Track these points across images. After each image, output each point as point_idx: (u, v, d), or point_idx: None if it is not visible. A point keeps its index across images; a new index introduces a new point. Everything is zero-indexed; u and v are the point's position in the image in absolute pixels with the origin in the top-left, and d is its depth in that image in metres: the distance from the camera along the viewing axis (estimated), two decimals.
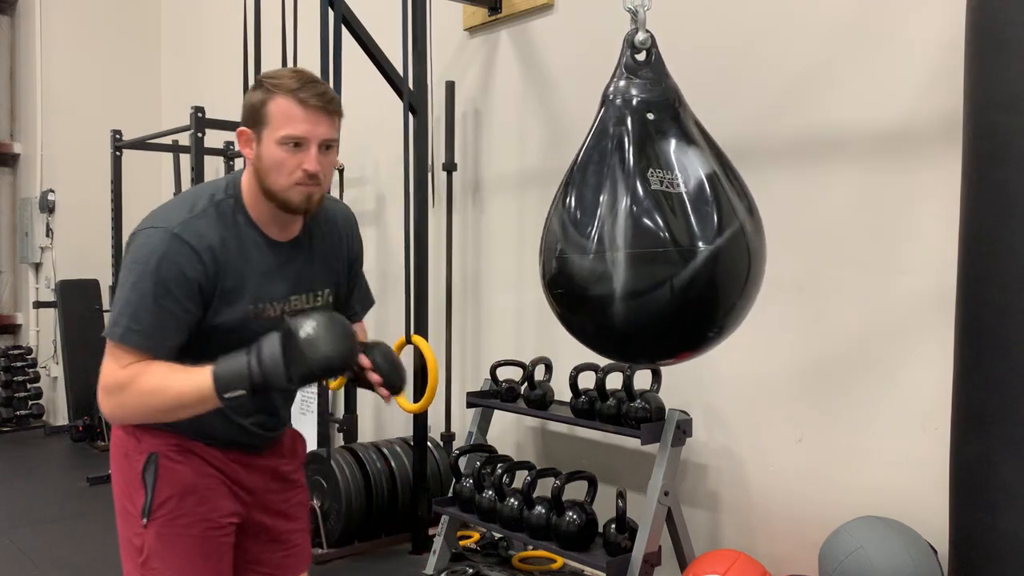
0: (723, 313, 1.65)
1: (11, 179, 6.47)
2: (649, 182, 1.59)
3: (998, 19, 1.74)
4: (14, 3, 6.30)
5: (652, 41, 1.73)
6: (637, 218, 1.58)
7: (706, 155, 1.67)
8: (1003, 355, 1.71)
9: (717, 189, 1.62)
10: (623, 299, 1.58)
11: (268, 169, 1.49)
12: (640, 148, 1.63)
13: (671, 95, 1.71)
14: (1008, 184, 1.71)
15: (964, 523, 1.82)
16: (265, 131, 1.49)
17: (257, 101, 1.50)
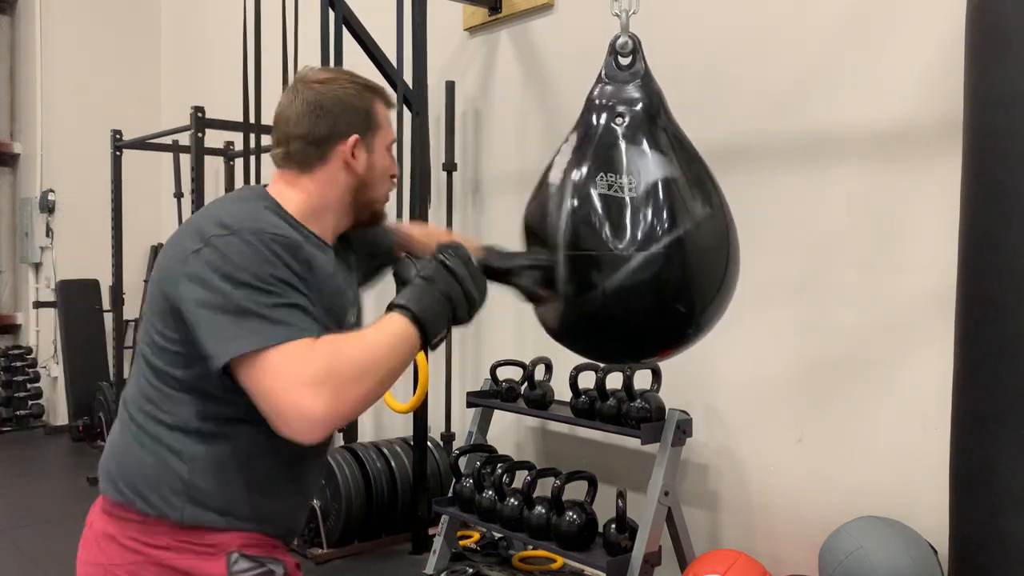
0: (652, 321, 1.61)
1: (11, 179, 6.46)
2: (596, 185, 1.60)
3: (998, 19, 1.74)
4: (14, 3, 6.30)
5: (635, 45, 1.73)
6: (576, 220, 1.59)
7: (665, 160, 1.65)
8: (1003, 355, 1.71)
9: (672, 195, 1.60)
10: (565, 300, 1.59)
11: (377, 179, 1.40)
12: (598, 152, 1.63)
13: (650, 100, 1.71)
14: (1008, 184, 1.71)
15: (964, 523, 1.82)
16: (377, 137, 1.39)
17: (365, 104, 1.38)
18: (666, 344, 1.68)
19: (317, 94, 1.37)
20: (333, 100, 1.36)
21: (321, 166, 1.36)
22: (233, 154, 5.10)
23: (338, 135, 1.35)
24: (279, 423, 1.14)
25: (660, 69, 2.76)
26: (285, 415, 1.13)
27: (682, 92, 2.97)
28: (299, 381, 1.12)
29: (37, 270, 6.17)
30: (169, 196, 5.89)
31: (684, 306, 1.59)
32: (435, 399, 3.66)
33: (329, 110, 1.36)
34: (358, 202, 1.40)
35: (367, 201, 1.41)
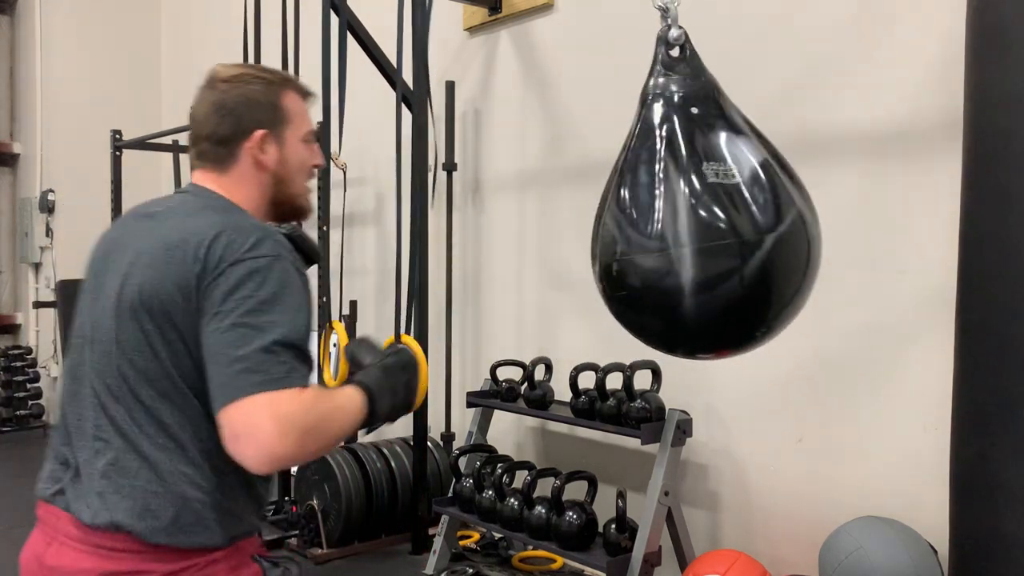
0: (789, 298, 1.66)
1: (11, 179, 6.46)
2: (705, 175, 1.58)
3: (998, 19, 1.74)
4: (14, 3, 6.30)
5: (686, 36, 1.73)
6: (698, 212, 1.56)
7: (756, 144, 1.67)
8: (1004, 355, 1.71)
9: (772, 177, 1.62)
10: (694, 294, 1.57)
11: (294, 173, 1.41)
12: (690, 143, 1.62)
13: (711, 88, 1.71)
14: (1008, 184, 1.71)
15: (964, 523, 1.82)
16: (288, 130, 1.39)
17: (271, 97, 1.38)
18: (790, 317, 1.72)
19: (221, 93, 1.38)
20: (236, 98, 1.37)
21: (233, 165, 1.37)
22: None
23: (242, 133, 1.36)
24: (236, 443, 1.19)
25: None
26: (248, 440, 1.17)
27: None
28: (285, 422, 1.17)
29: (37, 270, 6.17)
30: None
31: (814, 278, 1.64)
32: (435, 399, 3.66)
33: (231, 109, 1.36)
34: (277, 198, 1.41)
35: (286, 196, 1.42)
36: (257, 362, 1.18)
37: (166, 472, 1.27)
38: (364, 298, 4.28)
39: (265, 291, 1.23)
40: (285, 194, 1.42)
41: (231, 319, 1.21)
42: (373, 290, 4.36)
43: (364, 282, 4.37)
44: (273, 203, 1.42)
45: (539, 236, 3.53)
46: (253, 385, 1.17)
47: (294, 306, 1.25)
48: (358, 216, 4.40)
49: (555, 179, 3.46)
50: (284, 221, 1.47)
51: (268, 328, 1.21)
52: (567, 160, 3.42)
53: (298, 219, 1.48)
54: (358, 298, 4.21)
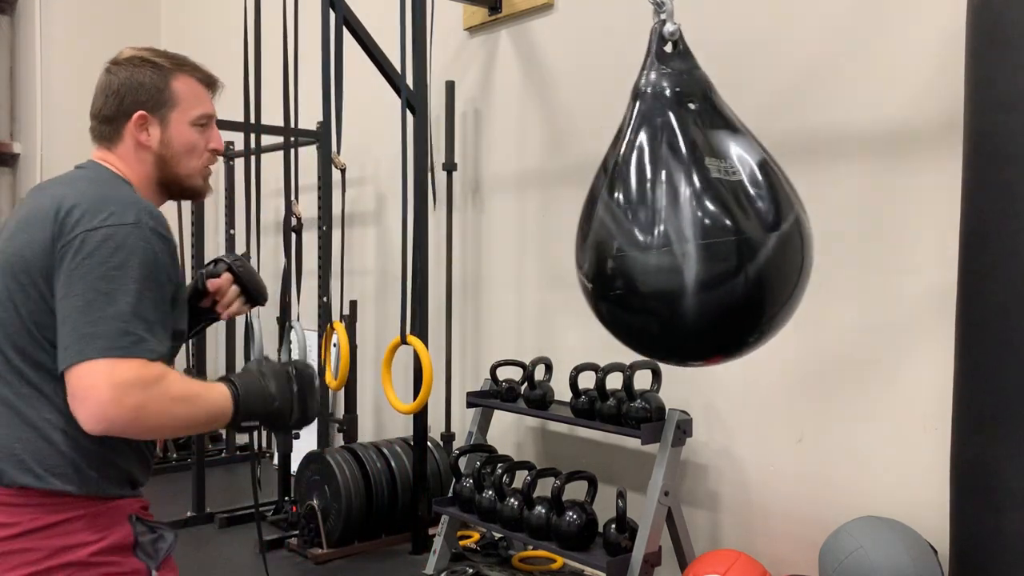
0: (785, 300, 1.65)
1: (11, 179, 6.46)
2: (707, 171, 1.55)
3: (999, 19, 1.74)
4: (14, 3, 6.29)
5: (680, 32, 1.70)
6: (702, 208, 1.53)
7: (753, 143, 1.65)
8: (1004, 355, 1.71)
9: (771, 177, 1.60)
10: (696, 293, 1.53)
11: (179, 154, 1.47)
12: (690, 138, 1.59)
13: (704, 85, 1.69)
14: (1008, 184, 1.71)
15: (964, 523, 1.82)
16: (174, 112, 1.46)
17: (157, 81, 1.44)
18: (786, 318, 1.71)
19: (111, 75, 1.46)
20: (123, 80, 1.44)
21: (119, 143, 1.45)
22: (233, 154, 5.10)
23: (124, 114, 1.43)
24: (74, 403, 1.23)
25: None
26: (83, 402, 1.22)
27: None
28: (116, 378, 1.21)
29: None
30: None
31: (807, 280, 1.63)
32: (435, 399, 3.65)
33: (116, 90, 1.44)
34: (165, 178, 1.47)
35: (174, 176, 1.48)
36: (104, 329, 1.22)
37: (32, 419, 1.31)
38: (364, 298, 4.28)
39: (117, 259, 1.26)
40: (172, 174, 1.47)
41: (82, 285, 1.25)
42: (373, 290, 4.36)
43: (364, 282, 4.38)
44: (161, 182, 1.48)
45: (539, 236, 3.53)
46: (96, 350, 1.21)
47: (147, 276, 1.28)
48: (358, 216, 4.40)
49: (555, 179, 3.46)
50: (177, 199, 1.53)
51: (117, 296, 1.24)
52: (567, 160, 3.41)
53: (191, 199, 1.54)
54: (358, 298, 4.21)
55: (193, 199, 1.55)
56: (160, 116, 1.45)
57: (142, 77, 1.44)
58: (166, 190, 1.50)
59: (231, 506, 3.83)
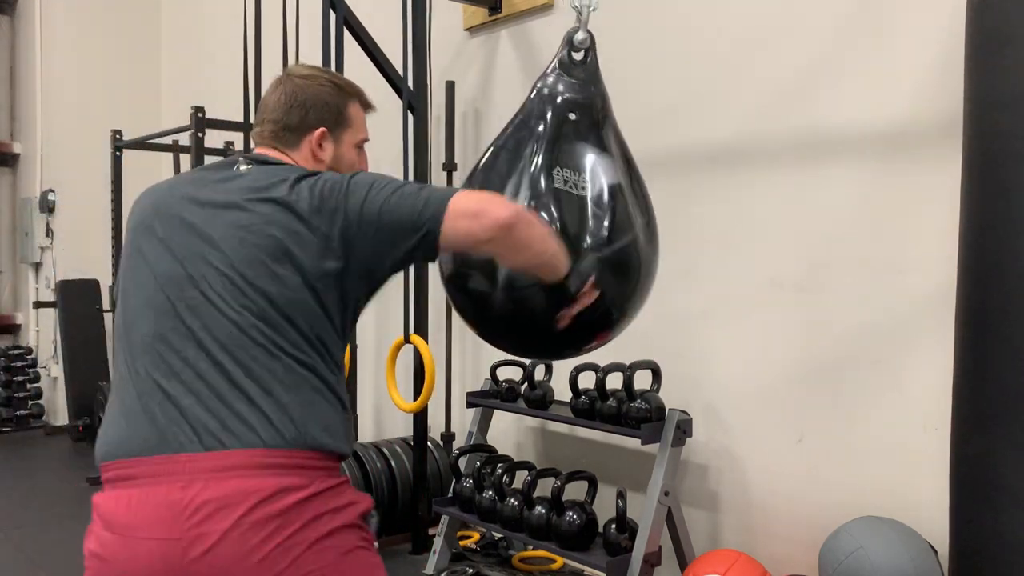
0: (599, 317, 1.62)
1: (11, 179, 6.46)
2: (553, 179, 1.58)
3: (998, 19, 1.74)
4: (14, 3, 6.30)
5: (591, 43, 1.72)
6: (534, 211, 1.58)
7: (616, 165, 1.66)
8: (1004, 354, 1.71)
9: (618, 200, 1.62)
10: (502, 289, 1.58)
11: (344, 170, 1.51)
12: (553, 145, 1.62)
13: (597, 101, 1.71)
14: (1008, 184, 1.71)
15: (964, 523, 1.82)
16: (346, 133, 1.54)
17: (338, 102, 1.53)
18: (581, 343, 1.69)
19: (296, 87, 1.52)
20: (309, 95, 1.52)
21: (296, 150, 1.51)
22: (233, 154, 5.11)
23: (307, 126, 1.51)
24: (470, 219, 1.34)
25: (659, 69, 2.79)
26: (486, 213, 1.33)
27: (681, 92, 2.98)
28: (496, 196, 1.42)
29: (37, 270, 6.17)
30: None
31: (616, 309, 1.62)
32: (435, 399, 3.65)
33: (302, 103, 1.51)
34: None
35: None
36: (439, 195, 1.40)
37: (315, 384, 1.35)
38: None
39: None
40: None
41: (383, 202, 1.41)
42: None
43: None
44: None
45: None
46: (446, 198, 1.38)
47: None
48: None
49: None
50: None
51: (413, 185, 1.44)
52: None
53: None
54: None
55: None
56: (336, 135, 1.53)
57: (326, 95, 1.52)
58: None
59: None
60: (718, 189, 2.85)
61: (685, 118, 2.94)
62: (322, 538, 1.27)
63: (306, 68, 1.60)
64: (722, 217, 2.84)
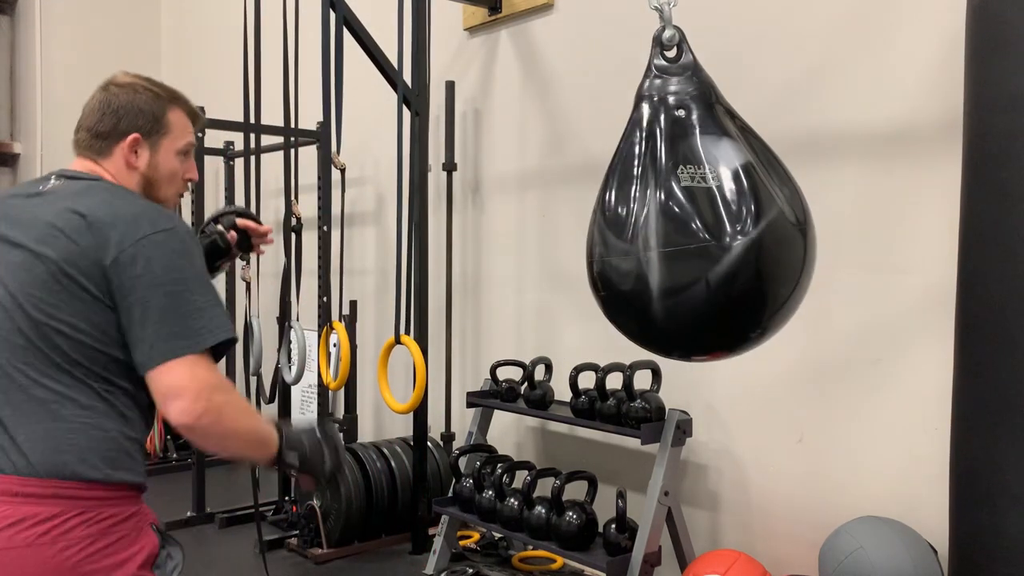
0: (772, 306, 1.64)
1: (11, 179, 6.46)
2: (679, 179, 1.58)
3: (998, 19, 1.74)
4: (14, 3, 6.30)
5: (680, 37, 1.72)
6: (667, 216, 1.57)
7: (739, 146, 1.66)
8: (1004, 354, 1.71)
9: (753, 179, 1.61)
10: (660, 299, 1.58)
11: (162, 179, 1.53)
12: (670, 145, 1.62)
13: (704, 89, 1.71)
14: (1008, 184, 1.71)
15: (964, 523, 1.82)
16: (164, 140, 1.53)
17: (155, 108, 1.52)
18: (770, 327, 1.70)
19: (110, 95, 1.55)
20: (123, 102, 1.53)
21: (107, 158, 1.52)
22: (233, 154, 5.10)
23: (119, 133, 1.51)
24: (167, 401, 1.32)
25: None
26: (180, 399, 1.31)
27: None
28: (209, 381, 1.33)
29: None
30: None
31: (785, 288, 1.61)
32: (435, 399, 3.66)
33: (115, 110, 1.52)
34: (152, 198, 1.52)
35: (154, 199, 1.52)
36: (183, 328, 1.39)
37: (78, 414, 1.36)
38: (364, 298, 4.29)
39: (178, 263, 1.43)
40: (153, 196, 1.53)
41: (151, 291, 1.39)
42: (373, 290, 4.36)
43: (364, 282, 4.38)
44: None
45: (539, 236, 3.53)
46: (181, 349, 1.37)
47: (203, 271, 1.45)
48: (358, 216, 4.40)
49: (555, 179, 3.46)
50: None
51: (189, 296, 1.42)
52: (567, 160, 3.41)
53: None
54: (358, 298, 4.21)
55: None
56: (151, 142, 1.52)
57: (142, 103, 1.52)
58: None
59: (231, 506, 3.83)
60: None
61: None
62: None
63: (127, 76, 1.58)
64: None
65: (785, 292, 1.64)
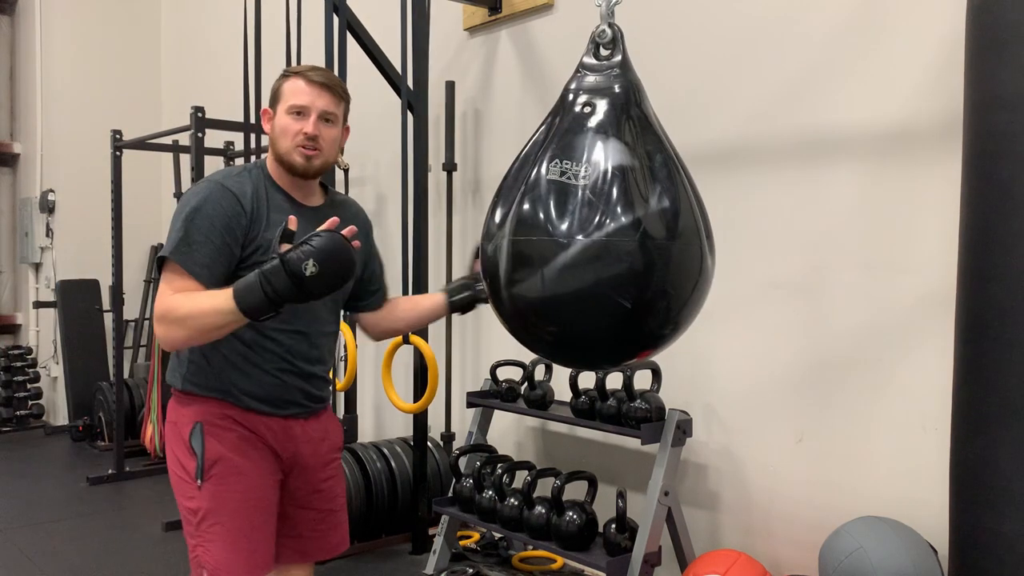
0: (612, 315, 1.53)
1: (11, 179, 6.47)
2: (550, 171, 1.57)
3: (998, 19, 1.74)
4: (14, 3, 6.30)
5: (615, 35, 1.69)
6: (527, 205, 1.56)
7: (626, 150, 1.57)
8: (1003, 355, 1.71)
9: (626, 184, 1.53)
10: (506, 286, 1.57)
11: (278, 135, 1.77)
12: (558, 139, 1.61)
13: (623, 90, 1.65)
14: (1008, 184, 1.71)
15: (964, 523, 1.82)
16: (279, 106, 1.78)
17: (276, 85, 1.82)
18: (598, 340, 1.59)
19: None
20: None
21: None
22: (233, 154, 5.10)
23: (265, 109, 1.86)
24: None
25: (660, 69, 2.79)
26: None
27: (682, 92, 2.98)
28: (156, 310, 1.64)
29: (37, 270, 6.18)
30: (169, 196, 5.89)
31: (626, 299, 1.51)
32: (435, 399, 3.65)
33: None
34: (276, 156, 1.79)
35: (278, 155, 1.79)
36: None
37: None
38: None
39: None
40: (276, 152, 1.79)
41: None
42: None
43: None
44: (275, 158, 1.80)
45: None
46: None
47: (175, 226, 1.70)
48: None
49: None
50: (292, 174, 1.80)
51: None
52: None
53: (294, 174, 1.79)
54: None
55: (291, 172, 1.79)
56: (274, 110, 1.80)
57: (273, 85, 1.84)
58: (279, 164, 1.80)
59: None
60: (718, 189, 2.85)
61: (685, 118, 2.94)
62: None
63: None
64: (722, 217, 2.82)
65: (632, 303, 1.52)
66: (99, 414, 5.40)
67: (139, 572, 3.29)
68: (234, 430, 1.76)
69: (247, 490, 1.74)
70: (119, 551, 3.49)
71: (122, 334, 5.17)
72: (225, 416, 1.76)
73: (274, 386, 1.78)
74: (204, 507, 1.73)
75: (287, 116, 1.76)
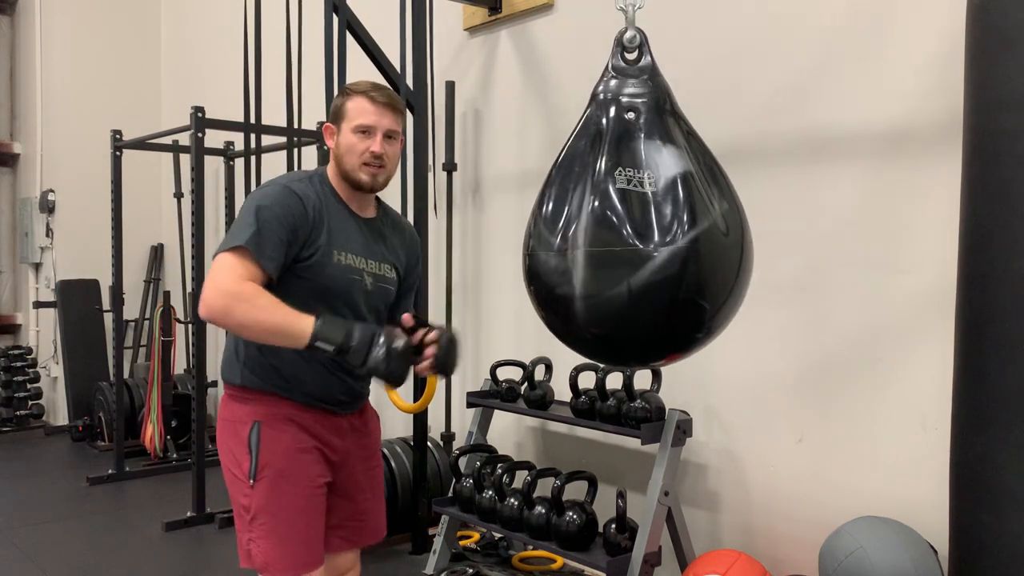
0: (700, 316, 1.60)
1: (11, 179, 6.47)
2: (616, 180, 1.58)
3: (999, 19, 1.74)
4: (14, 3, 6.30)
5: (642, 39, 1.71)
6: (597, 216, 1.57)
7: (682, 155, 1.63)
8: (1003, 355, 1.71)
9: (690, 189, 1.58)
10: (582, 298, 1.58)
11: (344, 153, 1.85)
12: (614, 147, 1.62)
13: (658, 94, 1.69)
14: (1008, 184, 1.71)
15: (964, 523, 1.82)
16: (343, 123, 1.86)
17: (339, 102, 1.89)
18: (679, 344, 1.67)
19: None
20: (332, 104, 1.96)
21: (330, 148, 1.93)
22: (233, 154, 5.10)
23: (327, 125, 1.93)
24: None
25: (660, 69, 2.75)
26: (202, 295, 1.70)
27: (682, 92, 2.97)
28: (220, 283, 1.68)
29: (37, 270, 6.17)
30: (169, 196, 5.89)
31: (707, 302, 1.58)
32: (435, 399, 3.65)
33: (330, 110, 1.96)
34: (342, 172, 1.87)
35: (343, 171, 1.86)
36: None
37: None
38: None
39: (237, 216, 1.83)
40: (342, 168, 1.86)
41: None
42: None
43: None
44: (340, 173, 1.88)
45: None
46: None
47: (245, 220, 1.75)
48: None
49: None
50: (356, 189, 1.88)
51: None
52: None
53: (359, 190, 1.87)
54: None
55: (355, 188, 1.87)
56: (337, 127, 1.87)
57: (335, 100, 1.91)
58: (344, 180, 1.88)
59: (231, 506, 3.83)
60: None
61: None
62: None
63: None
64: None
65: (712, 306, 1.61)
66: (99, 414, 5.40)
67: (139, 572, 3.29)
68: (289, 431, 1.84)
69: (296, 495, 1.83)
70: (119, 551, 3.49)
71: (122, 334, 5.17)
72: (282, 416, 1.84)
73: (329, 384, 1.87)
74: (256, 505, 1.83)
75: (353, 135, 1.84)
